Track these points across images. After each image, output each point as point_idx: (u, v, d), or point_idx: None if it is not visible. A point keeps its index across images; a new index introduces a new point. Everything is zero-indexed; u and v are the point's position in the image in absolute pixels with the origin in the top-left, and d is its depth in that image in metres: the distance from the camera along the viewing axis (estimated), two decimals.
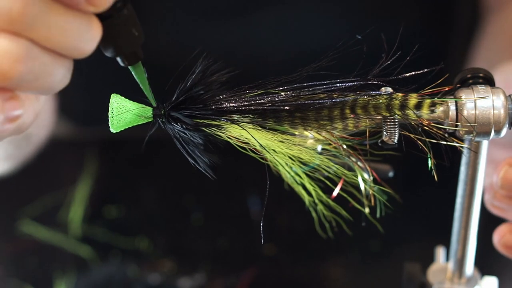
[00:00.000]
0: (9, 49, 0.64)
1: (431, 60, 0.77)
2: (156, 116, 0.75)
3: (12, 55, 0.64)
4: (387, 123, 0.73)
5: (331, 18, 1.44)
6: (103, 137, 1.50)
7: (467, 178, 0.81)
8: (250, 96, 0.75)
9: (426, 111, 0.74)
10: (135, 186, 1.41)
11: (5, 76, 0.64)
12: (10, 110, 0.67)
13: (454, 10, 1.54)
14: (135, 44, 0.72)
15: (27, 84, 0.66)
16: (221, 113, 0.74)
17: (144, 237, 1.29)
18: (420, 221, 1.29)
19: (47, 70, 0.67)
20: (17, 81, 0.65)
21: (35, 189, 1.40)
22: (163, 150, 1.39)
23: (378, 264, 1.21)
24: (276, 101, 0.74)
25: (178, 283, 1.22)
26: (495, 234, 0.86)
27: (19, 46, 0.64)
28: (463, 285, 0.88)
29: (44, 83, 0.67)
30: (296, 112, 0.74)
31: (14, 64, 0.64)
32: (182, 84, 0.75)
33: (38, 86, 0.67)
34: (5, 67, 0.64)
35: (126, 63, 0.73)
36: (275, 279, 1.23)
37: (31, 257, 1.28)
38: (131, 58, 0.73)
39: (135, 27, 0.71)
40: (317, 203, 0.77)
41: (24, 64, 0.64)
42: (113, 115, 0.74)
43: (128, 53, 0.72)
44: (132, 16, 0.71)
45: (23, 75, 0.65)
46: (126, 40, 0.71)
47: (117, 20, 0.69)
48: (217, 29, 1.44)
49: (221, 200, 1.37)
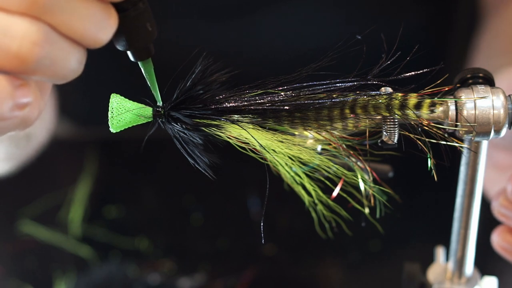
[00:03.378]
0: (29, 32, 0.65)
1: (430, 60, 0.77)
2: (156, 116, 0.75)
3: (32, 38, 0.65)
4: (387, 123, 0.73)
5: (331, 19, 1.44)
6: (103, 137, 1.50)
7: (467, 178, 0.81)
8: (250, 96, 0.75)
9: (426, 111, 0.74)
10: (135, 186, 1.41)
11: (24, 59, 0.65)
12: (20, 96, 0.68)
13: (454, 11, 1.54)
14: (148, 39, 0.72)
15: (43, 69, 0.67)
16: (220, 112, 0.74)
17: (144, 237, 1.29)
18: (420, 221, 1.29)
19: (63, 56, 0.67)
20: (35, 65, 0.66)
21: (35, 189, 1.40)
22: (163, 150, 1.40)
23: (378, 264, 1.21)
24: (275, 101, 0.74)
25: (178, 283, 1.22)
26: (493, 235, 0.86)
27: (39, 30, 0.65)
28: (463, 285, 0.88)
29: (59, 69, 0.68)
30: (296, 112, 0.74)
31: (33, 47, 0.65)
32: (182, 84, 0.75)
33: (53, 72, 0.68)
34: (24, 50, 0.65)
35: (136, 58, 0.73)
36: (275, 279, 1.23)
37: (31, 257, 1.28)
38: (143, 53, 0.73)
39: (150, 22, 0.71)
40: (317, 203, 0.77)
41: (42, 48, 0.65)
42: (113, 115, 0.74)
43: (140, 48, 0.72)
44: (147, 11, 0.71)
45: (41, 59, 0.66)
46: (140, 34, 0.71)
47: (133, 13, 0.70)
48: (217, 30, 1.44)
49: (221, 200, 1.37)
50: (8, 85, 0.66)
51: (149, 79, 0.75)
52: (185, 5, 1.42)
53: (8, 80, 0.66)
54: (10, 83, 0.67)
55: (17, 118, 0.69)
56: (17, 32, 0.64)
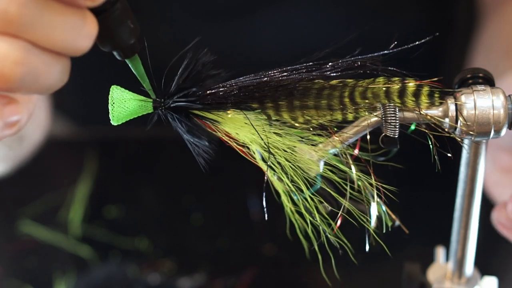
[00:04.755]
0: (8, 52, 0.64)
1: (430, 60, 0.77)
2: (157, 106, 0.75)
3: (12, 57, 0.64)
4: (387, 113, 0.72)
5: (331, 19, 1.44)
6: (103, 137, 1.50)
7: (467, 178, 0.81)
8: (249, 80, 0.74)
9: (425, 99, 0.74)
10: (135, 186, 1.41)
11: (6, 79, 0.64)
12: (9, 115, 0.67)
13: (454, 11, 1.54)
14: (131, 36, 0.71)
15: (28, 85, 0.66)
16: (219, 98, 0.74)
17: (144, 237, 1.29)
18: (420, 221, 1.29)
19: (46, 69, 0.66)
20: (18, 83, 0.65)
21: (35, 189, 1.40)
22: (163, 150, 1.40)
23: (378, 264, 1.21)
24: (274, 79, 0.74)
25: (178, 283, 1.22)
26: (493, 212, 0.85)
27: (19, 48, 0.64)
28: (463, 285, 0.88)
29: (43, 83, 0.67)
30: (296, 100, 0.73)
31: (15, 67, 0.64)
32: (180, 74, 0.75)
33: (37, 86, 0.67)
34: (6, 70, 0.64)
35: (123, 56, 0.72)
36: (275, 279, 1.23)
37: (31, 257, 1.28)
38: (128, 51, 0.72)
39: (131, 19, 0.70)
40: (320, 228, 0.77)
41: (24, 66, 0.64)
42: (113, 106, 0.74)
43: (125, 47, 0.71)
44: (126, 9, 0.70)
45: (24, 76, 0.65)
46: (123, 34, 0.70)
47: (112, 14, 0.69)
48: (217, 30, 1.44)
49: (221, 200, 1.37)
50: None
51: (139, 75, 0.74)
52: (185, 6, 1.42)
53: None
54: None
55: (7, 135, 0.68)
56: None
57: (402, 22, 1.46)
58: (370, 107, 0.73)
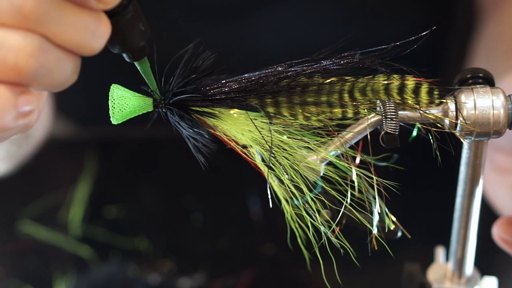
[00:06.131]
0: (23, 44, 0.66)
1: (430, 60, 0.77)
2: (157, 104, 0.75)
3: (27, 50, 0.66)
4: (386, 109, 0.72)
5: (330, 20, 1.44)
6: (103, 137, 1.50)
7: (467, 178, 0.80)
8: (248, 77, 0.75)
9: (425, 97, 0.74)
10: (135, 186, 1.41)
11: (20, 71, 0.66)
12: (23, 105, 0.69)
13: (454, 11, 1.54)
14: (141, 39, 0.72)
15: (40, 79, 0.68)
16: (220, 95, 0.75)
17: (144, 237, 1.29)
18: (420, 221, 1.29)
19: (59, 66, 0.68)
20: (31, 76, 0.67)
21: (35, 189, 1.40)
22: (163, 150, 1.40)
23: (378, 264, 1.21)
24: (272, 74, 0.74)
25: (178, 283, 1.22)
26: (494, 227, 0.86)
27: (33, 42, 0.66)
28: (463, 285, 0.88)
29: (55, 78, 0.69)
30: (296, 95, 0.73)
31: (29, 59, 0.66)
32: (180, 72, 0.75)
33: (49, 81, 0.69)
34: (20, 62, 0.66)
35: (132, 59, 0.73)
36: (275, 279, 1.23)
37: (31, 257, 1.28)
38: (138, 54, 0.73)
39: (142, 22, 0.71)
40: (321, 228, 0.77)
41: (37, 59, 0.66)
42: (113, 105, 0.74)
43: (135, 49, 0.72)
44: (138, 12, 0.71)
45: (37, 69, 0.67)
46: (133, 36, 0.71)
47: (124, 17, 0.70)
48: (216, 30, 1.44)
49: (221, 200, 1.37)
50: (10, 94, 0.67)
51: (147, 77, 0.75)
52: (185, 6, 1.42)
53: (9, 89, 0.67)
54: (12, 91, 0.67)
55: (20, 126, 0.70)
56: (13, 45, 0.65)
57: (402, 22, 1.46)
58: (370, 104, 0.74)
